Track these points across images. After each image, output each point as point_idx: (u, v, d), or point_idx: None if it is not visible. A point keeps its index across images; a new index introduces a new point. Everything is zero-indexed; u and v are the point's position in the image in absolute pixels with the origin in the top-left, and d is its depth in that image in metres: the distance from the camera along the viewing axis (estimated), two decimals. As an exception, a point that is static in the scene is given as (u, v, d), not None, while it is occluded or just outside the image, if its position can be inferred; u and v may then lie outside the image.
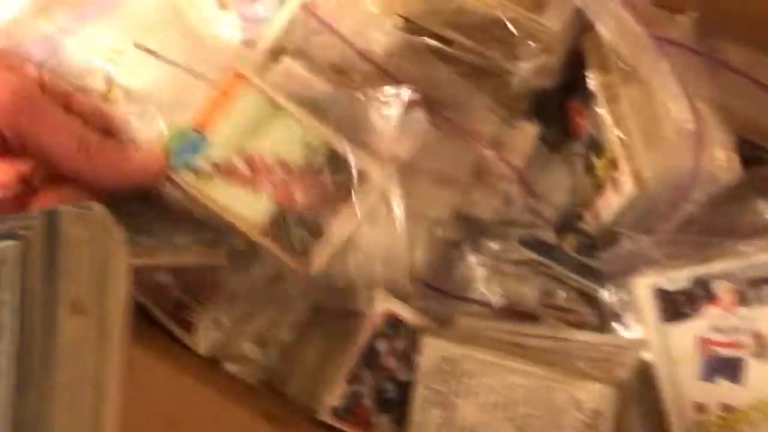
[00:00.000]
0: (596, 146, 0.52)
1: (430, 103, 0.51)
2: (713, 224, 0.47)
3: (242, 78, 0.47)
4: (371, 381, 0.50)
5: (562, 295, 0.54)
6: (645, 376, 0.47)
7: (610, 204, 0.51)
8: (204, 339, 0.50)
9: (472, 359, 0.47)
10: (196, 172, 0.45)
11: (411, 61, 0.53)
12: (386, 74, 0.52)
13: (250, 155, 0.46)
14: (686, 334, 0.46)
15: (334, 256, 0.47)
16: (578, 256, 0.55)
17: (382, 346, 0.50)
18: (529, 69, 0.49)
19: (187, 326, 0.50)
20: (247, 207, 0.46)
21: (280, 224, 0.47)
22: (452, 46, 0.53)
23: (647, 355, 0.47)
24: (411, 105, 0.48)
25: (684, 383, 0.46)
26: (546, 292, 0.54)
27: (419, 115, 0.49)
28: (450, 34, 0.52)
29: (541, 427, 0.44)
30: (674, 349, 0.46)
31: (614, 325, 0.49)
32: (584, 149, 0.54)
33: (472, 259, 0.54)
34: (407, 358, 0.50)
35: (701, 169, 0.44)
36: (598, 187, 0.52)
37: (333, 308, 0.51)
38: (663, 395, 0.46)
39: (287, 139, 0.47)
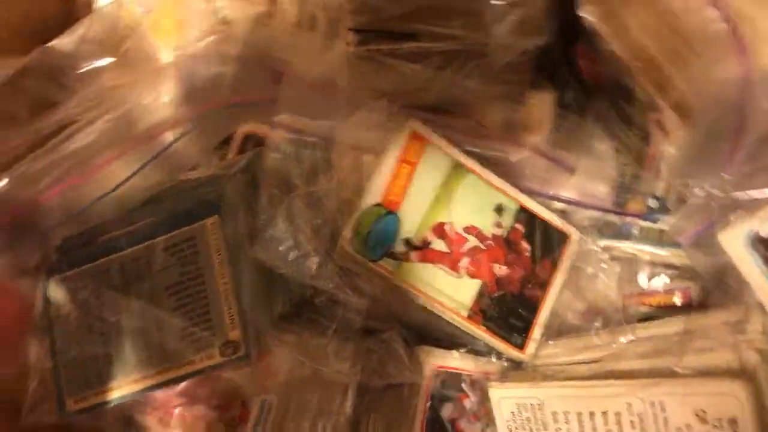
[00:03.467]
0: (623, 90, 0.42)
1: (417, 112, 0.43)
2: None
3: (422, 140, 0.41)
4: (450, 456, 0.41)
5: (646, 279, 0.43)
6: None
7: (664, 151, 0.40)
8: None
9: (555, 398, 0.37)
10: (395, 257, 0.40)
11: (378, 75, 0.45)
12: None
13: (440, 226, 0.41)
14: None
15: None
16: (653, 225, 0.44)
17: (447, 410, 0.41)
18: (504, 30, 0.40)
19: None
20: (449, 289, 0.40)
21: (486, 305, 0.41)
22: (417, 40, 0.44)
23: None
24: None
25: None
26: (628, 281, 0.44)
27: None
28: (409, 26, 0.44)
29: (664, 462, 0.34)
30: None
31: (717, 297, 0.38)
32: (611, 99, 0.44)
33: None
34: (483, 416, 0.40)
35: (752, 72, 0.34)
36: (644, 136, 0.42)
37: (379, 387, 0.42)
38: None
39: (476, 203, 0.41)
